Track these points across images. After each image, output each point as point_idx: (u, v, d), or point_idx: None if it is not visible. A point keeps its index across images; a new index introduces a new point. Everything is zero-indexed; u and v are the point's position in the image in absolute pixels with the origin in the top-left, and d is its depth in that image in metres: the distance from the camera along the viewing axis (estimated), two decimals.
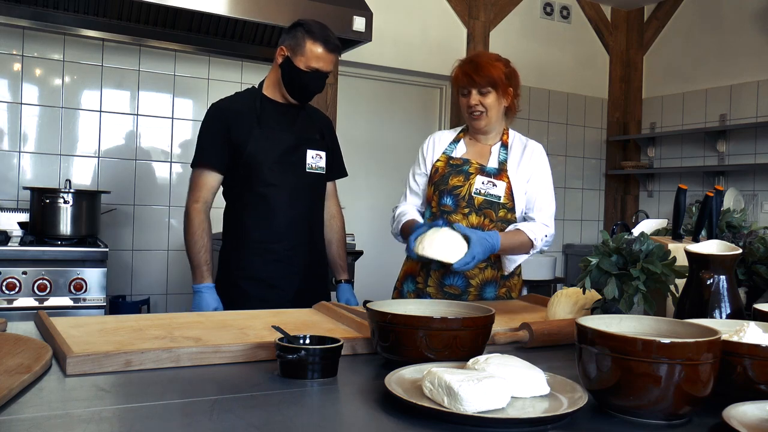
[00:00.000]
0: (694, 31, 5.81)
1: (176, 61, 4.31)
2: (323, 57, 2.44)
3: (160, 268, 4.31)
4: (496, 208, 2.45)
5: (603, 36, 6.23)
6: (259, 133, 2.46)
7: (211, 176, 2.49)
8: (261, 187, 2.46)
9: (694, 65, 5.81)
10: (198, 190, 2.49)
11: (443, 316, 1.40)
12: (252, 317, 1.87)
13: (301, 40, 2.43)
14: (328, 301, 2.07)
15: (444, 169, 2.52)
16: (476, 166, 2.49)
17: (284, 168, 2.49)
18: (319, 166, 2.59)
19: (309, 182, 2.56)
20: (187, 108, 4.37)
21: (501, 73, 2.45)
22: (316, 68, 2.44)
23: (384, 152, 5.12)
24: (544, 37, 5.88)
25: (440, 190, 2.49)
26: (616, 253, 1.66)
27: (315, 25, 2.45)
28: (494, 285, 2.48)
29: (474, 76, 2.43)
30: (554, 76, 5.95)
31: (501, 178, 2.46)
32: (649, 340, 1.05)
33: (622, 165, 6.20)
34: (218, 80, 4.43)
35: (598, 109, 6.27)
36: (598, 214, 6.32)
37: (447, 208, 2.47)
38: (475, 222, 2.43)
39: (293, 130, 2.54)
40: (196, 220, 2.46)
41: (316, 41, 2.42)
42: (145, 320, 1.76)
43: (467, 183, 2.46)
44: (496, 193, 2.45)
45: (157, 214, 4.29)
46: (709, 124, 5.64)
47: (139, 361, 1.33)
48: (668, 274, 1.59)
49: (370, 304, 1.48)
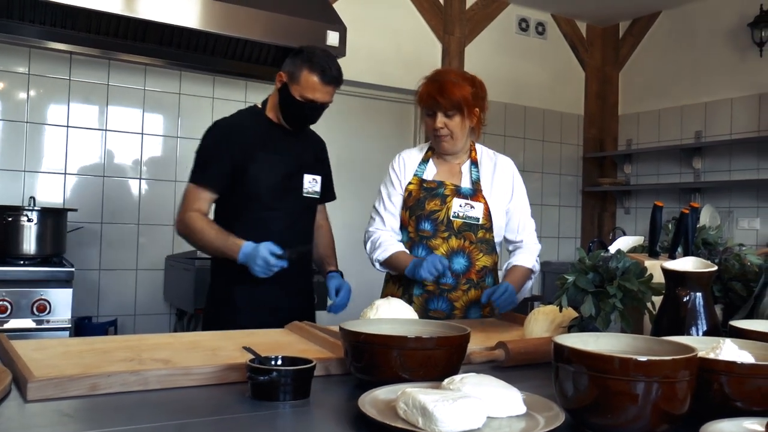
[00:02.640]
0: (669, 47, 5.91)
1: (146, 75, 4.30)
2: (319, 88, 2.39)
3: (128, 288, 4.26)
4: (474, 230, 2.47)
5: (579, 52, 6.31)
6: (262, 156, 2.45)
7: (207, 194, 2.46)
8: (261, 211, 2.45)
9: (670, 82, 5.90)
10: (191, 201, 2.45)
11: (417, 336, 1.40)
12: (223, 338, 1.85)
13: (298, 68, 2.40)
14: (313, 321, 2.06)
15: (418, 193, 2.51)
16: (451, 188, 2.50)
17: (284, 192, 2.49)
18: (314, 191, 2.60)
19: (305, 206, 2.58)
20: (157, 123, 4.35)
21: (467, 94, 2.42)
22: (311, 99, 2.41)
23: (357, 170, 5.11)
24: (519, 52, 5.95)
25: (417, 215, 2.49)
26: (593, 270, 1.68)
27: (317, 54, 2.40)
28: (479, 306, 2.49)
29: (438, 98, 2.40)
30: (530, 92, 6.01)
31: (477, 199, 2.48)
32: (626, 358, 1.06)
33: (599, 182, 6.26)
34: (190, 95, 4.41)
35: (575, 126, 6.34)
36: (575, 231, 6.37)
37: (425, 233, 2.47)
38: (455, 245, 2.45)
39: (293, 154, 2.53)
40: (197, 221, 2.40)
41: (313, 71, 2.38)
42: (112, 342, 1.74)
43: (444, 207, 2.47)
44: (474, 215, 2.47)
45: (126, 232, 4.25)
46: (685, 140, 5.72)
47: (105, 384, 1.31)
48: (645, 292, 1.60)
49: (344, 323, 1.47)
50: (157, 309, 4.34)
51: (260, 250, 2.26)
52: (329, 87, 2.41)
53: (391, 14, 5.25)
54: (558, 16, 6.18)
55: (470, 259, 2.46)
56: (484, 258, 2.49)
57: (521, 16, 5.96)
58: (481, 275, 2.49)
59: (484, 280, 2.50)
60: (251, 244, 2.30)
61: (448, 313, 2.44)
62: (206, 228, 2.39)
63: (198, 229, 2.39)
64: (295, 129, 2.54)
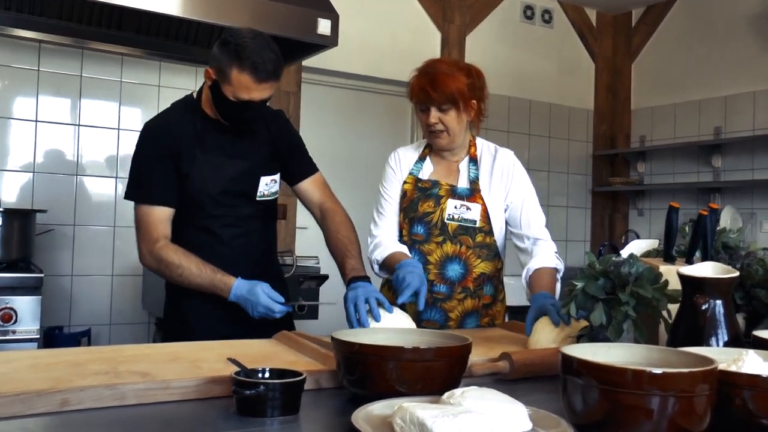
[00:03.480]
0: (686, 37, 5.93)
1: (123, 65, 4.29)
2: (253, 87, 2.16)
3: (103, 295, 4.25)
4: (472, 234, 2.44)
5: (588, 42, 6.33)
6: (202, 159, 2.29)
7: (162, 210, 2.29)
8: (204, 220, 2.32)
9: (687, 74, 5.92)
10: (153, 228, 2.27)
11: (415, 346, 1.40)
12: (205, 349, 1.85)
13: (227, 66, 2.15)
14: (291, 331, 2.05)
15: (412, 193, 2.50)
16: (446, 187, 2.48)
17: (231, 197, 2.34)
18: (271, 192, 2.44)
19: (260, 210, 2.43)
20: (135, 118, 4.34)
21: (462, 86, 2.37)
22: (246, 99, 2.18)
23: (351, 167, 5.12)
24: (524, 42, 5.96)
25: (410, 217, 2.48)
26: (604, 276, 1.68)
27: (248, 44, 2.14)
28: (475, 315, 2.48)
29: (431, 92, 2.36)
30: (535, 85, 6.02)
31: (475, 200, 2.46)
32: (640, 370, 1.06)
33: (610, 181, 6.28)
34: (170, 87, 4.41)
35: (584, 121, 6.35)
36: (584, 234, 6.38)
37: (418, 237, 2.45)
38: (450, 251, 2.43)
39: (241, 152, 2.36)
40: (172, 256, 2.24)
41: (243, 69, 2.13)
42: (85, 354, 1.73)
43: (438, 208, 2.45)
44: (470, 218, 2.44)
45: (100, 235, 4.24)
46: (703, 137, 5.74)
47: (77, 399, 1.30)
48: (660, 299, 1.61)
49: (336, 333, 1.47)
50: (134, 318, 4.33)
51: (260, 297, 2.11)
52: (265, 83, 2.18)
53: (387, 1, 5.26)
54: (566, 3, 6.19)
55: (466, 266, 2.44)
56: (482, 264, 2.47)
57: (526, 2, 5.97)
58: (478, 283, 2.47)
59: (481, 289, 2.48)
60: (244, 285, 2.15)
61: (442, 324, 2.43)
62: (184, 263, 2.23)
63: (174, 265, 2.23)
64: (235, 129, 2.35)
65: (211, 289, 2.20)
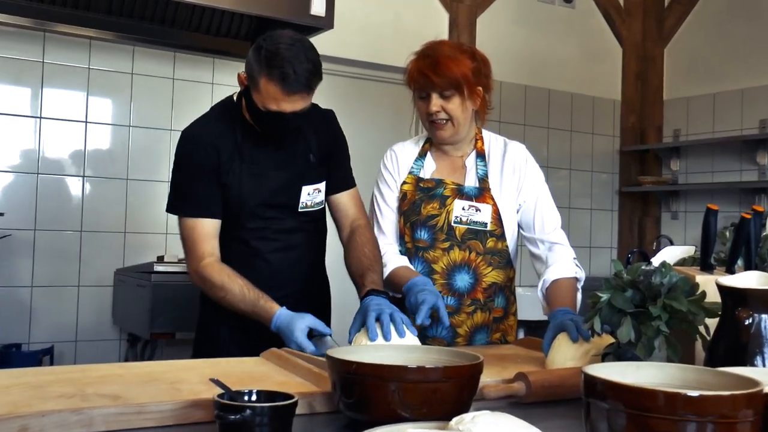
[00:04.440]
0: (727, 17, 5.92)
1: (91, 51, 4.29)
2: (282, 98, 2.20)
3: (68, 308, 4.25)
4: (482, 238, 2.44)
5: (615, 24, 6.33)
6: (241, 169, 2.37)
7: (209, 223, 2.36)
8: (242, 233, 2.41)
9: (727, 59, 5.90)
10: (200, 244, 2.35)
11: (420, 365, 1.40)
12: (186, 368, 1.85)
13: (255, 72, 2.21)
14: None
15: (414, 195, 2.50)
16: (452, 187, 2.48)
17: (272, 209, 2.42)
18: (315, 203, 2.49)
19: (303, 222, 2.49)
20: (105, 109, 4.35)
21: (466, 70, 2.37)
22: (275, 111, 2.23)
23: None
24: (542, 25, 5.96)
25: (412, 221, 2.48)
26: (632, 287, 1.68)
27: (281, 52, 2.17)
28: (486, 330, 2.48)
29: (432, 76, 2.36)
30: (555, 73, 6.02)
31: (484, 200, 2.46)
32: (674, 392, 1.06)
33: (640, 181, 6.27)
34: (144, 75, 4.41)
35: (609, 113, 6.35)
36: (610, 240, 6.38)
37: (422, 243, 2.45)
38: (458, 258, 2.42)
39: (281, 163, 2.42)
40: (216, 276, 2.30)
41: (271, 79, 2.17)
42: (48, 374, 1.73)
43: (444, 210, 2.45)
44: (480, 220, 2.44)
45: (64, 241, 4.24)
46: (747, 131, 5.73)
47: (38, 426, 1.30)
48: (696, 313, 1.61)
49: (331, 350, 1.47)
50: (103, 334, 4.33)
51: (294, 333, 2.11)
52: (296, 95, 2.21)
53: None
54: None
55: (476, 275, 2.44)
56: (493, 273, 2.47)
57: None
58: (488, 294, 2.47)
59: (492, 301, 2.48)
60: (285, 316, 2.17)
61: (450, 342, 2.43)
62: (227, 285, 2.28)
63: (217, 287, 2.29)
64: (271, 140, 2.41)
65: (254, 316, 2.25)
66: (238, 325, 2.38)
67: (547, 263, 2.45)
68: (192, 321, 2.62)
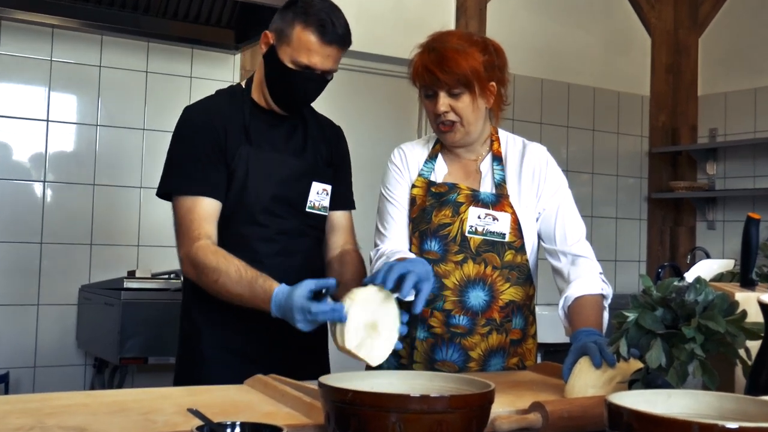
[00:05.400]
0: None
1: (54, 41, 4.30)
2: (316, 49, 2.36)
3: (26, 330, 4.24)
4: (500, 251, 2.43)
5: (642, 10, 6.34)
6: (249, 154, 2.42)
7: (209, 204, 2.38)
8: (245, 227, 2.43)
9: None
10: (197, 224, 2.36)
11: (424, 394, 1.40)
12: (160, 397, 1.85)
13: (289, 24, 2.36)
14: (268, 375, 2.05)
15: (424, 200, 2.49)
16: (467, 192, 2.47)
17: (280, 204, 2.46)
18: (322, 206, 2.56)
19: (307, 226, 2.53)
20: (69, 106, 4.36)
21: (477, 65, 2.36)
22: (305, 64, 2.37)
23: None
24: (561, 11, 5.97)
25: (421, 230, 2.47)
26: (663, 305, 1.68)
27: (316, 4, 2.38)
28: (502, 354, 2.47)
29: (438, 73, 2.35)
30: (576, 66, 6.04)
31: (502, 208, 2.45)
32: (710, 424, 1.06)
33: (672, 186, 6.28)
34: (115, 68, 4.41)
35: (637, 110, 6.36)
36: (638, 252, 6.38)
37: (433, 255, 2.43)
38: (473, 272, 2.41)
39: (294, 152, 2.51)
40: (210, 258, 2.30)
41: (308, 26, 2.34)
42: (3, 404, 1.73)
43: (458, 218, 2.44)
44: (498, 230, 2.43)
45: (22, 254, 4.24)
46: None
47: None
48: (735, 335, 1.61)
49: (324, 377, 1.47)
50: (67, 359, 4.32)
51: (295, 300, 2.09)
52: (331, 48, 2.38)
53: None
54: None
55: (492, 292, 2.43)
56: (511, 290, 2.46)
57: None
58: (506, 313, 2.46)
59: (509, 321, 2.46)
60: (283, 291, 2.16)
61: (461, 367, 2.42)
62: (222, 267, 2.28)
63: (211, 269, 2.28)
64: (286, 109, 2.50)
65: (251, 299, 2.23)
66: (224, 346, 2.39)
67: (569, 278, 2.44)
68: (167, 344, 2.64)
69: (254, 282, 2.22)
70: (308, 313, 2.05)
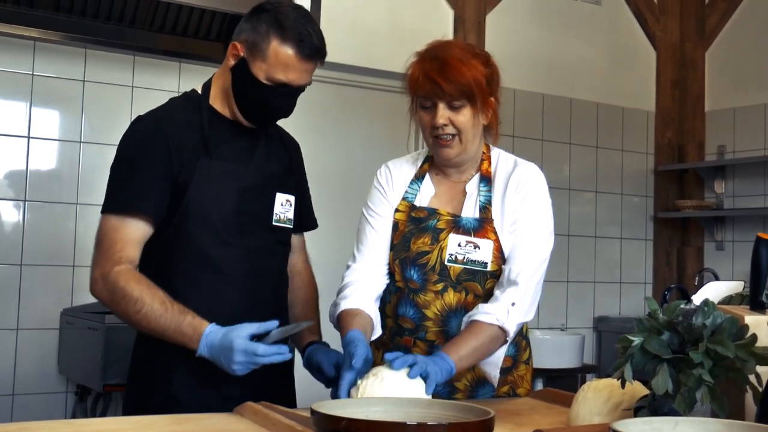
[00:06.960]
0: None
1: (35, 54, 4.31)
2: (294, 66, 2.31)
3: (4, 355, 4.23)
4: (481, 280, 2.39)
5: (647, 23, 6.37)
6: (207, 167, 2.35)
7: (137, 226, 2.30)
8: (209, 249, 2.35)
9: None
10: (116, 246, 2.28)
11: (421, 422, 1.40)
12: (146, 426, 1.85)
13: (263, 37, 2.29)
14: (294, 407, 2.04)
15: (404, 226, 2.46)
16: (447, 218, 2.43)
17: (243, 220, 2.40)
18: (287, 218, 2.52)
19: (275, 241, 2.50)
20: (51, 122, 4.36)
21: (480, 76, 2.33)
22: (283, 82, 2.32)
23: (338, 183, 5.11)
24: (562, 23, 5.99)
25: (401, 258, 2.43)
26: (670, 329, 1.68)
27: (290, 14, 2.30)
28: (491, 385, 2.45)
29: (441, 81, 2.30)
30: (578, 80, 6.05)
31: (485, 234, 2.39)
32: None
33: (678, 205, 6.28)
34: (99, 83, 4.42)
35: (642, 126, 6.37)
36: (643, 274, 6.38)
37: (413, 284, 2.40)
38: (454, 301, 2.38)
39: (255, 163, 2.45)
40: (132, 285, 2.23)
41: (285, 41, 2.28)
42: None
43: (437, 246, 2.40)
44: (479, 259, 2.38)
45: (1, 276, 4.22)
46: None
47: None
48: (745, 360, 1.61)
49: (317, 405, 1.47)
50: (47, 386, 4.31)
51: (235, 341, 2.09)
52: (309, 63, 2.33)
53: None
54: None
55: None
56: None
57: None
58: None
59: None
60: (218, 331, 2.15)
61: (446, 397, 2.38)
62: (146, 298, 2.22)
63: (132, 298, 2.22)
64: (256, 123, 2.45)
65: (177, 336, 2.21)
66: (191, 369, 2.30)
67: (487, 300, 2.37)
68: None
69: (181, 318, 2.20)
70: (254, 355, 2.08)
